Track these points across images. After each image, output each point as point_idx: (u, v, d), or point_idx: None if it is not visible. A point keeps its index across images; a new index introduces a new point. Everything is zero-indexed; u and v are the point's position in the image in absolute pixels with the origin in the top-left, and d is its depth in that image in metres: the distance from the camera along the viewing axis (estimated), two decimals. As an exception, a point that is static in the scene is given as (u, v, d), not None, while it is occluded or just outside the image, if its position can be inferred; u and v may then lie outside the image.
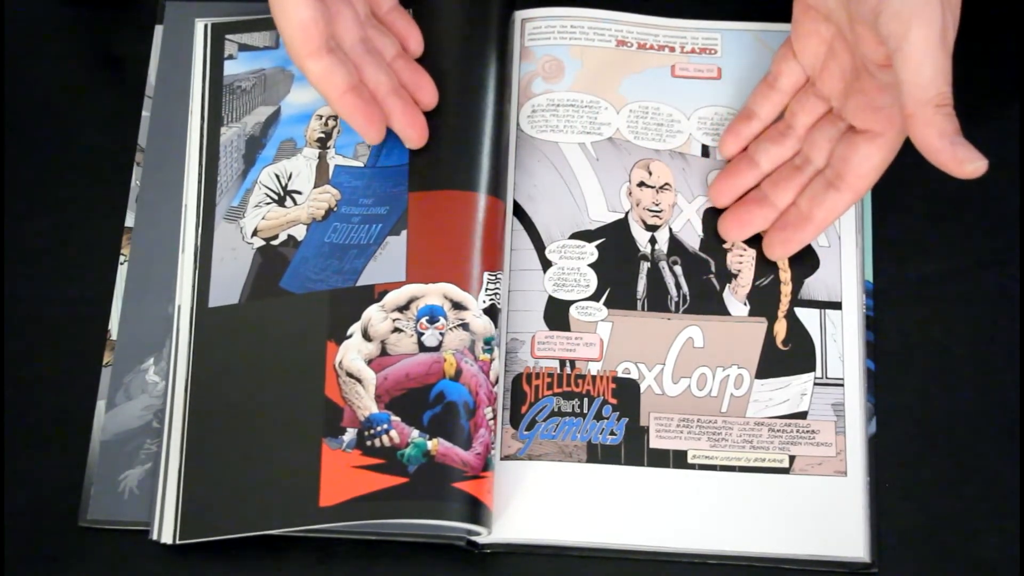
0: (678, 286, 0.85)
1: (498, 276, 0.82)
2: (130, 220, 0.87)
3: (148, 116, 0.89)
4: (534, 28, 0.90)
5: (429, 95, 0.84)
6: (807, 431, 0.82)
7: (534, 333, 0.84)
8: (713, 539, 0.79)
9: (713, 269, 0.85)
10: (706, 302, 0.84)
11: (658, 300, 0.84)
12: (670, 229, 0.86)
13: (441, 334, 0.80)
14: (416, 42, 0.86)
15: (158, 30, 0.91)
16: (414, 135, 0.83)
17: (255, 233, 0.85)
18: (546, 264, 0.85)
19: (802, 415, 0.82)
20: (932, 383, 0.83)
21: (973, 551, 0.80)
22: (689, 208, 0.86)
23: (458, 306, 0.81)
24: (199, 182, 0.87)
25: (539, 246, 0.86)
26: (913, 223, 0.86)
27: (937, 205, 0.87)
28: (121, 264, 0.86)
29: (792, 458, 0.81)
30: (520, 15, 0.90)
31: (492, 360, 0.81)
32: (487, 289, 0.81)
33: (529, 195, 0.87)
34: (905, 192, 0.87)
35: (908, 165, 0.85)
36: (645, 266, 0.85)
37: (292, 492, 0.78)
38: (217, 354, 0.82)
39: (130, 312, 0.85)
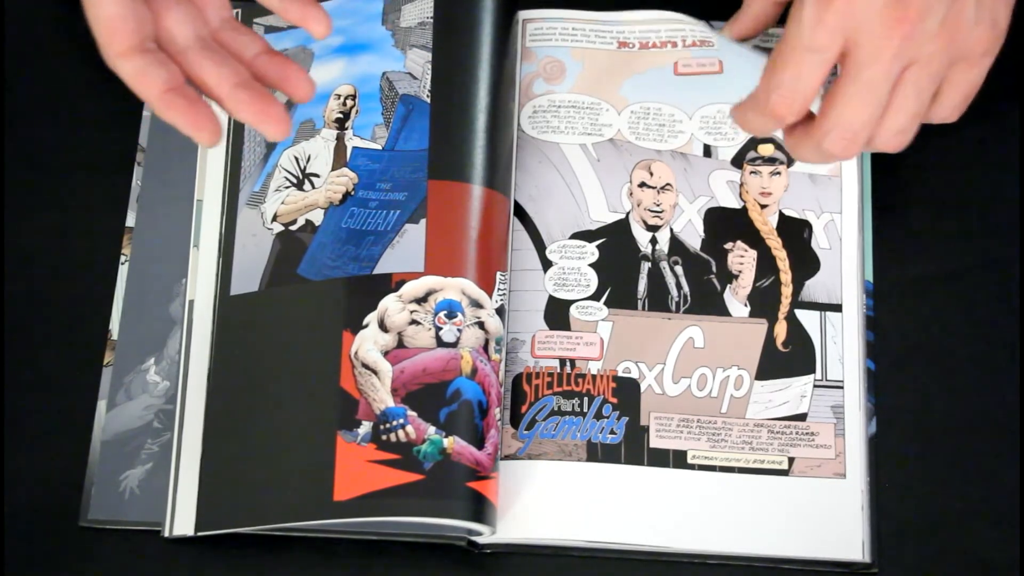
0: (679, 286, 0.85)
1: (505, 276, 0.82)
2: (131, 220, 0.87)
3: (148, 116, 0.89)
4: (535, 29, 0.90)
5: (302, 87, 0.75)
6: (806, 433, 0.82)
7: (534, 333, 0.84)
8: (713, 539, 0.79)
9: (714, 269, 0.85)
10: (707, 302, 0.84)
11: (659, 300, 0.84)
12: (671, 229, 0.86)
13: (459, 330, 0.80)
14: (318, 23, 0.74)
15: (159, 30, 0.91)
16: (270, 128, 0.73)
17: (275, 218, 0.84)
18: (547, 264, 0.85)
19: (802, 417, 0.82)
20: (932, 383, 0.83)
21: (973, 551, 0.80)
22: (690, 208, 0.86)
23: (475, 303, 0.80)
24: (225, 170, 0.86)
25: (540, 246, 0.86)
26: (913, 223, 0.86)
27: (937, 205, 0.87)
28: (121, 264, 0.86)
29: (791, 460, 0.81)
30: (521, 15, 0.90)
31: (500, 361, 0.81)
32: (498, 289, 0.81)
33: (530, 195, 0.87)
34: (905, 192, 0.87)
35: (908, 166, 0.86)
36: (646, 266, 0.85)
37: (307, 485, 0.78)
38: (237, 343, 0.82)
39: (130, 312, 0.85)
